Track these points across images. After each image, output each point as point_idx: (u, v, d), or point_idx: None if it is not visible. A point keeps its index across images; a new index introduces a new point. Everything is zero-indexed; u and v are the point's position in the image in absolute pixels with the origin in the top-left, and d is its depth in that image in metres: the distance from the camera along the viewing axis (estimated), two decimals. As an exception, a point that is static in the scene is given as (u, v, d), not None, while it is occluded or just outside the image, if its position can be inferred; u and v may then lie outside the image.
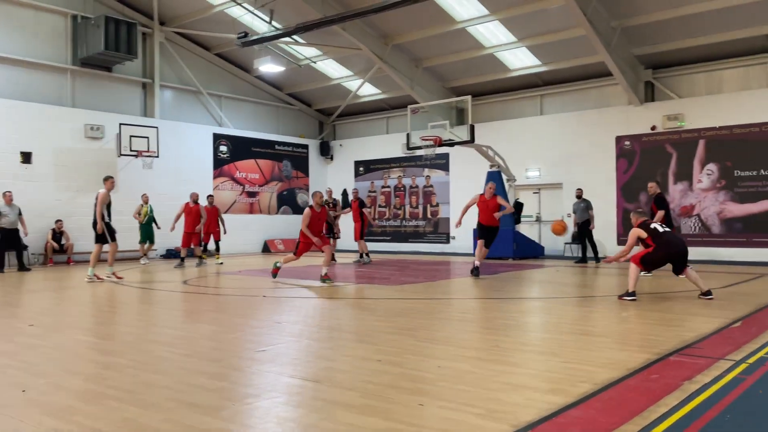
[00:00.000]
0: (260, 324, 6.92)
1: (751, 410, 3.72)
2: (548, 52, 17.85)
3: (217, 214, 16.49)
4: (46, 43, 17.46)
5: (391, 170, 22.97)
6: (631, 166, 17.48)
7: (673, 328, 6.27)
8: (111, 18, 17.25)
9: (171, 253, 19.10)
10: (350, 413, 3.64)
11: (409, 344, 5.64)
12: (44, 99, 17.26)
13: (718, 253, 15.95)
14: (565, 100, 19.39)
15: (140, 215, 16.64)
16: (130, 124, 18.28)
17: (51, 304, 9.14)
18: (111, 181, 12.09)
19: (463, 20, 17.10)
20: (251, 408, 3.80)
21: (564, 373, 4.52)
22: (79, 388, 4.25)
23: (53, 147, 17.09)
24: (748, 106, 15.82)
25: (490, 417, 3.54)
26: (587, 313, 7.60)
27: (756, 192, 15.62)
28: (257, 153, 22.42)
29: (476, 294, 9.64)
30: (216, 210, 16.58)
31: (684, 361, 4.87)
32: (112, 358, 5.20)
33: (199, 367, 4.87)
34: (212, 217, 16.32)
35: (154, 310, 8.26)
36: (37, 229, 16.62)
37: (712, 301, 8.19)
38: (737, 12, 14.69)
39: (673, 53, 16.75)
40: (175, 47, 20.27)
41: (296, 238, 22.19)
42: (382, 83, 21.49)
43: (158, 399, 3.97)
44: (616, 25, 15.88)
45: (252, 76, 22.31)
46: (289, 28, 16.64)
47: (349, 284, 11.25)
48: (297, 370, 4.73)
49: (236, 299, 9.03)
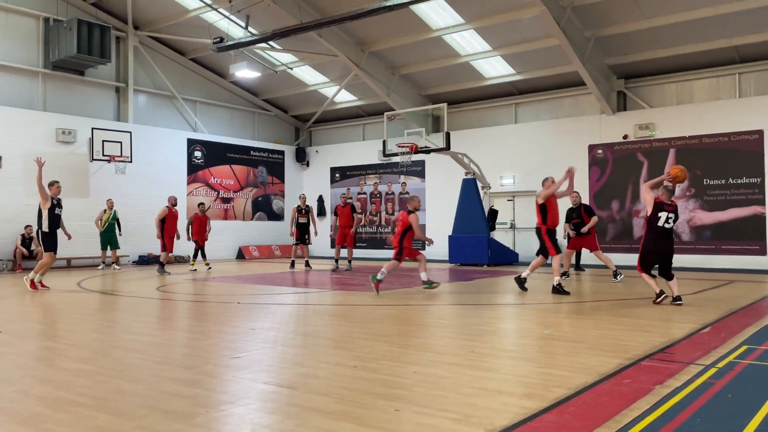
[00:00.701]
0: (235, 331, 6.86)
1: (721, 413, 3.78)
2: (523, 61, 18.05)
3: (206, 222, 16.44)
4: (18, 46, 17.18)
5: (367, 177, 22.98)
6: (604, 174, 17.73)
7: (644, 334, 6.36)
8: (84, 21, 17.04)
9: (144, 260, 18.86)
10: (326, 419, 3.63)
11: (385, 350, 5.63)
12: (15, 102, 16.96)
13: (688, 260, 16.22)
14: (539, 108, 19.61)
15: (101, 222, 16.31)
16: (102, 129, 18.07)
17: (20, 310, 8.95)
18: (56, 186, 11.26)
19: (439, 28, 17.23)
20: (225, 415, 3.77)
21: (539, 378, 4.56)
22: (48, 396, 4.17)
23: (24, 151, 16.77)
24: (718, 116, 16.16)
25: (465, 422, 3.56)
26: (561, 318, 7.67)
27: (725, 200, 15.94)
28: (232, 159, 22.28)
29: (451, 300, 9.67)
30: (206, 218, 16.59)
31: (655, 365, 4.94)
32: (83, 365, 5.10)
33: (172, 374, 4.81)
34: (203, 224, 16.29)
35: (125, 317, 8.14)
36: (6, 234, 16.32)
37: (683, 306, 8.32)
38: (708, 24, 15.02)
39: (645, 63, 17.06)
40: (149, 51, 20.08)
41: (270, 244, 21.95)
42: (358, 90, 21.52)
43: (130, 406, 3.91)
44: (589, 35, 16.13)
45: (228, 82, 22.18)
46: (265, 34, 16.59)
47: (325, 291, 11.21)
48: (272, 377, 4.70)
49: (210, 306, 8.94)
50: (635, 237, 17.09)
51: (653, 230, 8.68)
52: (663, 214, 8.62)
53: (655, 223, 8.62)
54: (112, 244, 16.60)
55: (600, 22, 15.83)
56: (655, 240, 8.68)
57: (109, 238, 16.51)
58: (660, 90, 17.56)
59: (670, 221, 8.62)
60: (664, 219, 8.62)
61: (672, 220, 8.61)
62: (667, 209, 8.66)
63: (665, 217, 8.63)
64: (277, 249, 23.09)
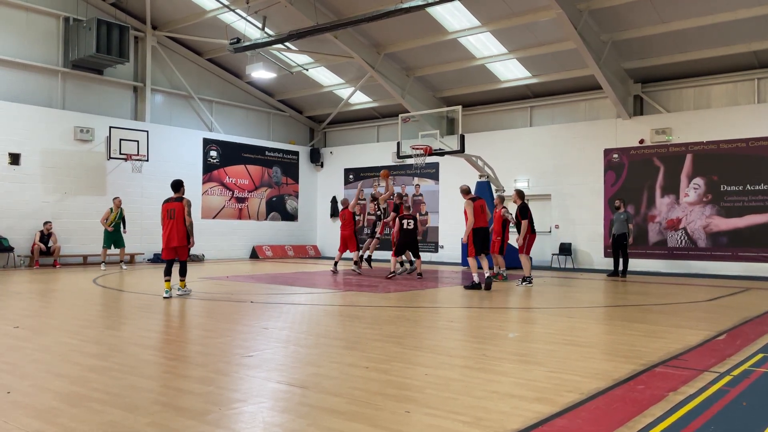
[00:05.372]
0: (247, 330, 6.89)
1: (735, 422, 3.75)
2: (539, 64, 17.99)
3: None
4: (38, 45, 17.39)
5: (381, 179, 22.97)
6: (619, 178, 17.61)
7: (659, 340, 6.31)
8: (103, 21, 17.21)
9: (159, 258, 19.00)
10: (337, 419, 3.64)
11: (397, 352, 5.64)
12: (34, 101, 17.17)
13: (704, 267, 16.07)
14: (554, 112, 19.53)
15: (107, 221, 15.85)
16: (120, 128, 18.22)
17: (36, 306, 9.06)
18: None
19: (455, 31, 17.21)
20: (237, 413, 3.79)
21: (550, 382, 4.54)
22: (63, 391, 4.21)
23: (42, 149, 16.99)
24: (736, 121, 16.00)
25: (476, 425, 3.55)
26: (574, 323, 7.63)
27: (742, 206, 15.77)
28: (247, 159, 22.39)
29: (463, 303, 9.65)
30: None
31: (670, 372, 4.90)
32: (97, 361, 5.16)
33: (185, 371, 4.85)
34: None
35: (140, 314, 8.21)
36: (24, 230, 16.51)
37: (698, 313, 8.25)
38: (726, 28, 14.88)
39: (663, 68, 16.93)
40: (167, 51, 20.24)
41: (284, 244, 21.98)
42: (373, 92, 21.55)
43: (143, 402, 3.94)
44: (606, 38, 16.04)
45: (243, 82, 22.31)
46: (281, 35, 16.66)
47: (337, 292, 11.23)
48: (284, 376, 4.72)
49: (223, 305, 8.99)
50: (650, 242, 16.96)
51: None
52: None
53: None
54: (117, 243, 16.16)
55: (617, 26, 15.73)
56: None
57: (115, 237, 16.11)
58: (677, 95, 17.42)
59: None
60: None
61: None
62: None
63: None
64: (290, 249, 23.16)
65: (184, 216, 9.71)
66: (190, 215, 9.81)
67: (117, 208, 16.03)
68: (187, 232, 9.73)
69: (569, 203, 18.46)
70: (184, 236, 9.71)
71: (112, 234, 15.96)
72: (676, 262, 16.55)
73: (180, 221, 9.69)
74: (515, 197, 12.62)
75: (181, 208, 9.73)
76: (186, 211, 9.75)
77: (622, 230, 14.82)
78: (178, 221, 9.68)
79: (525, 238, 12.13)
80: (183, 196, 9.96)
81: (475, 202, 11.64)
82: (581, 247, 18.22)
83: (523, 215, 12.15)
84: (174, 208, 9.75)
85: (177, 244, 9.70)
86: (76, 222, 17.58)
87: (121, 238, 16.20)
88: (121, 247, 16.26)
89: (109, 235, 15.96)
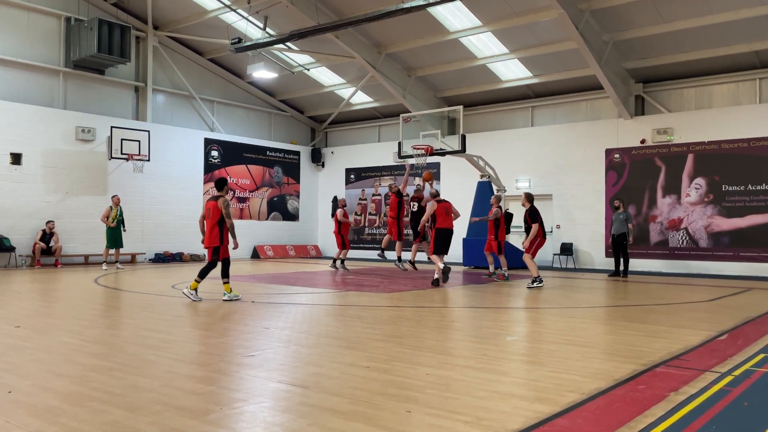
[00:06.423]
0: (249, 329, 6.90)
1: (736, 422, 3.74)
2: (540, 64, 17.98)
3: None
4: (39, 45, 17.41)
5: (382, 178, 23.00)
6: (621, 178, 17.60)
7: (660, 340, 6.31)
8: (104, 21, 17.22)
9: (160, 257, 19.02)
10: (338, 419, 3.64)
11: (397, 351, 5.64)
12: (36, 101, 17.19)
13: (706, 267, 16.06)
14: (556, 112, 19.52)
15: (109, 219, 15.68)
16: (121, 128, 18.24)
17: (38, 306, 9.07)
18: None
19: (456, 31, 17.21)
20: (238, 412, 3.79)
21: (551, 382, 4.54)
22: (64, 390, 4.22)
23: (43, 149, 17.00)
24: (737, 121, 15.99)
25: (477, 425, 3.55)
26: (575, 323, 7.63)
27: (743, 207, 15.76)
28: (248, 159, 22.40)
29: (464, 303, 9.65)
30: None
31: (671, 372, 4.90)
32: (99, 361, 5.16)
33: (187, 370, 4.85)
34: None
35: (141, 313, 8.21)
36: (25, 230, 16.53)
37: (700, 314, 8.24)
38: (728, 28, 14.87)
39: (664, 68, 16.92)
40: (168, 51, 20.25)
41: (285, 244, 22.07)
42: (374, 91, 21.55)
43: (144, 402, 3.95)
44: (607, 38, 16.03)
45: (245, 82, 22.32)
46: (282, 35, 16.67)
47: (338, 291, 11.23)
48: (285, 376, 4.72)
49: (224, 304, 8.99)
50: (652, 242, 16.95)
51: None
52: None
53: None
54: (117, 243, 15.99)
55: (618, 26, 15.72)
56: None
57: (116, 236, 15.93)
58: (679, 95, 17.40)
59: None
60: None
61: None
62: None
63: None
64: (291, 249, 23.18)
65: (220, 215, 9.21)
66: (229, 216, 9.28)
67: (116, 205, 15.94)
68: (219, 233, 9.24)
69: (570, 203, 18.46)
70: (214, 237, 9.24)
71: (114, 233, 15.83)
72: (677, 262, 16.55)
73: (213, 221, 9.23)
74: (524, 200, 12.13)
75: (216, 207, 9.25)
76: (224, 212, 9.22)
77: (622, 230, 14.83)
78: (212, 220, 9.24)
79: (534, 241, 11.76)
80: (221, 195, 9.37)
81: (440, 204, 12.26)
82: (582, 247, 18.22)
83: (533, 219, 11.78)
84: (210, 207, 9.32)
85: (207, 244, 9.33)
86: (77, 222, 17.60)
87: (121, 237, 16.09)
88: (118, 247, 16.11)
89: (112, 234, 15.83)
